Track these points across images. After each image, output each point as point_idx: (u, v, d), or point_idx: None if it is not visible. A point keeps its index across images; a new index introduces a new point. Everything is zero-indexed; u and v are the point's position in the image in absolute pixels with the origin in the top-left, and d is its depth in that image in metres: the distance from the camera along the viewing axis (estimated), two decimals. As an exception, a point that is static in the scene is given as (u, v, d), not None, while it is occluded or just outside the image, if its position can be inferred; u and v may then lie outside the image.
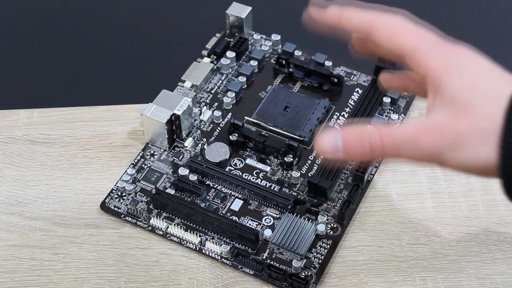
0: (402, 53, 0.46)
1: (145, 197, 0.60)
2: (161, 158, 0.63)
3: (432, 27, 0.47)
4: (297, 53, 0.69)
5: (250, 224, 0.59)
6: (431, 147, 0.43)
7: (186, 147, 0.63)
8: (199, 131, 0.64)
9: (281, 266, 0.56)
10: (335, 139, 0.45)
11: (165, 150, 0.63)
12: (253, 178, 0.61)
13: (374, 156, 0.45)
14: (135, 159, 0.63)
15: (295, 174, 0.61)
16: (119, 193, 0.60)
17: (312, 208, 0.59)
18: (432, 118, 0.44)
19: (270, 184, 0.61)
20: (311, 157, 0.62)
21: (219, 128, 0.65)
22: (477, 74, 0.44)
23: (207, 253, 0.57)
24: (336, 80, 0.66)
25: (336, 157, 0.45)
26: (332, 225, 0.59)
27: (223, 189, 0.61)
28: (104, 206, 0.60)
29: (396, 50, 0.46)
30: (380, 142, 0.44)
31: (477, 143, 0.42)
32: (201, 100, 0.66)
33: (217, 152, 0.62)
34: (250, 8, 0.70)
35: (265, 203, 0.60)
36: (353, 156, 0.45)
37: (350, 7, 0.48)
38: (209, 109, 0.66)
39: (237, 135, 0.63)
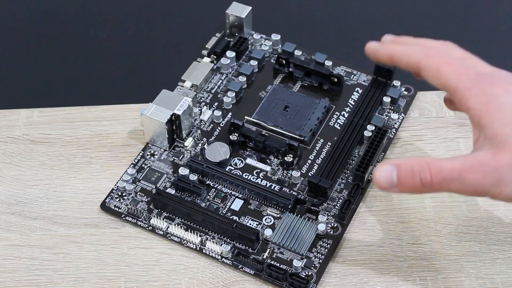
0: (447, 91, 0.50)
1: (145, 197, 0.60)
2: (161, 158, 0.63)
3: (475, 58, 0.51)
4: (297, 52, 0.69)
5: (250, 224, 0.59)
6: (476, 184, 0.47)
7: (186, 147, 0.63)
8: (199, 131, 0.64)
9: (281, 266, 0.56)
10: (391, 175, 0.49)
11: (165, 150, 0.63)
12: (253, 178, 0.61)
13: (425, 190, 0.48)
14: (135, 159, 0.63)
15: (295, 173, 0.61)
16: (119, 193, 0.60)
17: (312, 207, 0.59)
18: (476, 156, 0.47)
19: (271, 183, 0.61)
20: (311, 157, 0.62)
21: (219, 128, 0.65)
22: None
23: (208, 253, 0.57)
24: (336, 79, 0.66)
25: (393, 191, 0.49)
26: (332, 224, 0.59)
27: (223, 189, 0.61)
28: (104, 206, 0.60)
29: (442, 88, 0.50)
30: (429, 178, 0.48)
31: None
32: (201, 100, 0.66)
33: (217, 152, 0.62)
34: (250, 8, 0.70)
35: (265, 202, 0.60)
36: (407, 190, 0.49)
37: (398, 46, 0.53)
38: (209, 109, 0.66)
39: (237, 134, 0.63)
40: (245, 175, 0.61)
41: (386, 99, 0.65)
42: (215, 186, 0.61)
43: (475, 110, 0.48)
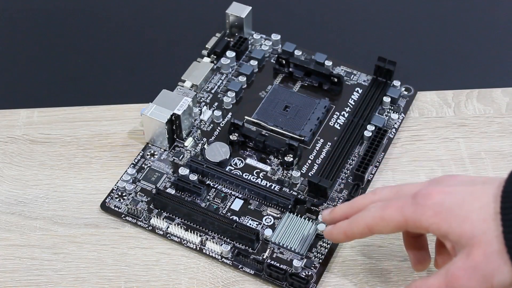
0: (402, 229, 0.51)
1: (145, 197, 0.60)
2: (161, 158, 0.63)
3: (405, 185, 0.52)
4: (297, 52, 0.69)
5: (250, 224, 0.59)
6: None
7: (186, 147, 0.63)
8: (199, 131, 0.64)
9: (281, 266, 0.56)
10: None
11: (165, 150, 0.63)
12: (253, 178, 0.61)
13: None
14: (135, 159, 0.63)
15: (295, 173, 0.61)
16: (119, 193, 0.60)
17: (312, 207, 0.59)
18: (455, 263, 0.48)
19: (271, 183, 0.61)
20: (311, 157, 0.62)
21: (219, 128, 0.65)
22: (463, 205, 0.47)
23: (208, 253, 0.57)
24: (336, 79, 0.66)
25: None
26: (332, 224, 0.59)
27: (223, 188, 0.61)
28: (104, 206, 0.60)
29: (397, 230, 0.51)
30: None
31: (498, 266, 0.46)
32: (201, 100, 0.66)
33: (217, 151, 0.62)
34: (250, 8, 0.70)
35: (265, 202, 0.60)
36: None
37: (345, 224, 0.53)
38: (209, 109, 0.66)
39: (237, 134, 0.63)
40: (245, 175, 0.61)
41: (386, 99, 0.65)
42: (215, 186, 0.61)
43: (431, 225, 0.48)
